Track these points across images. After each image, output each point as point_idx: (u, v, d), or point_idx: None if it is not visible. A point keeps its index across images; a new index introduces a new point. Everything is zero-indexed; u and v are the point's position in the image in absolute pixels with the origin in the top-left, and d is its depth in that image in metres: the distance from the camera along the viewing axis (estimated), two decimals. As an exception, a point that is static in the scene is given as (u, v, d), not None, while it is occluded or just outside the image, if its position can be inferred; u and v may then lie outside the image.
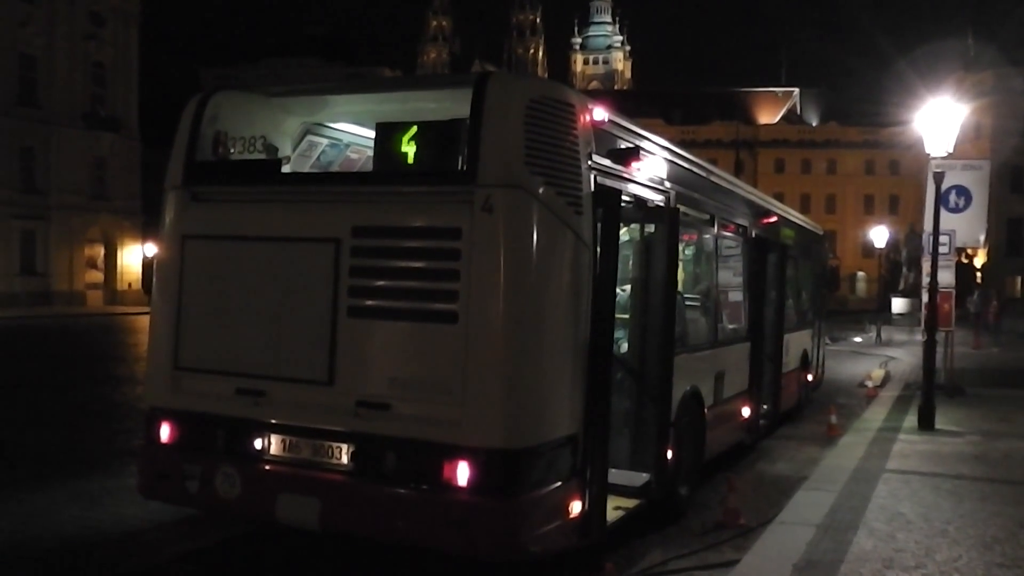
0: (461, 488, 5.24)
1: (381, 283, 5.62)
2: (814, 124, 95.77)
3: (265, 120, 6.75)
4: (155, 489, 6.35)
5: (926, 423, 11.81)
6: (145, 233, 55.58)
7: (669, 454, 7.11)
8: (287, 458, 5.83)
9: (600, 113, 5.97)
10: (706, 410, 8.36)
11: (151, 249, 57.75)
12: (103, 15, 52.33)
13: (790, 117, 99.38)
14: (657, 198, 7.08)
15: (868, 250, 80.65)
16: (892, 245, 49.00)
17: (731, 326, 9.96)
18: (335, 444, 5.67)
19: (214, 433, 6.03)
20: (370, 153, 6.92)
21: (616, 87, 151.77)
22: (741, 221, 10.12)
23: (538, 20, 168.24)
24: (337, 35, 78.02)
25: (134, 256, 54.79)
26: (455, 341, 5.29)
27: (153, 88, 61.10)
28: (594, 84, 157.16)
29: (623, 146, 6.35)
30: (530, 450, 5.31)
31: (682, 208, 7.58)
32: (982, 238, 15.40)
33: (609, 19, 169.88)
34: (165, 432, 6.21)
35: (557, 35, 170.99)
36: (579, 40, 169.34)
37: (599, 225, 5.87)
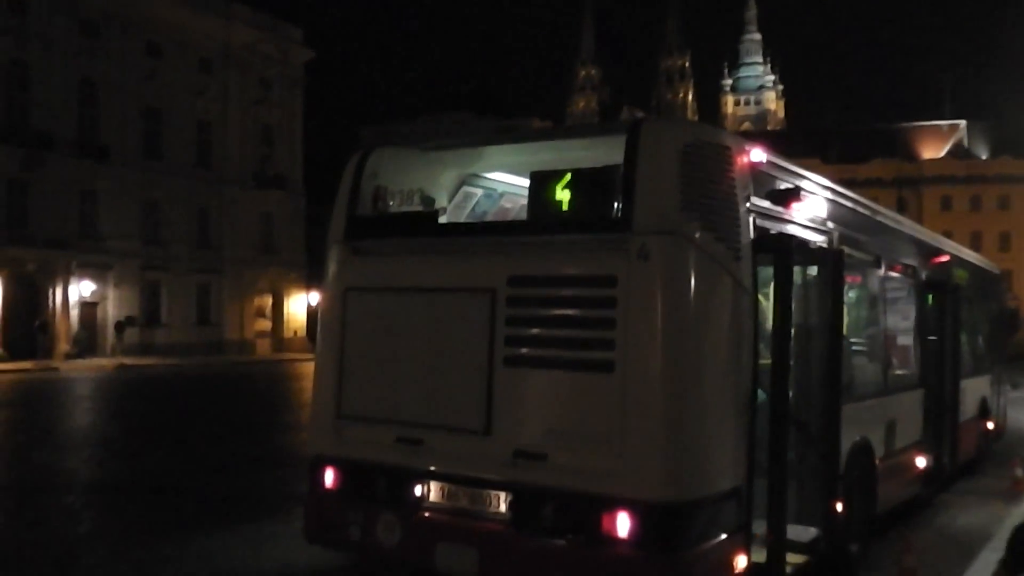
0: (621, 541, 5.10)
1: (536, 332, 5.59)
2: (984, 158, 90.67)
3: (422, 174, 6.89)
4: (320, 535, 6.47)
5: None
6: (309, 283, 58.21)
7: (839, 507, 6.76)
8: (446, 506, 5.84)
9: (757, 154, 5.82)
10: (877, 461, 7.90)
11: (315, 298, 60.34)
12: (271, 81, 55.70)
13: (956, 152, 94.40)
14: (819, 239, 6.86)
15: (1049, 290, 76.00)
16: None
17: (901, 372, 9.41)
18: (492, 493, 5.65)
19: (375, 481, 6.10)
20: (523, 202, 6.93)
21: (769, 127, 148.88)
22: (909, 261, 9.64)
23: (687, 64, 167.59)
24: (488, 89, 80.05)
25: (299, 305, 57.41)
26: (612, 390, 5.18)
27: (316, 146, 64.43)
28: (746, 125, 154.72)
29: (782, 187, 6.18)
30: (693, 503, 5.14)
31: (846, 249, 7.28)
32: None
33: (760, 59, 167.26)
34: (329, 479, 6.33)
35: (707, 78, 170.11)
36: (730, 82, 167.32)
37: (764, 271, 5.71)
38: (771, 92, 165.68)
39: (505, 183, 7.37)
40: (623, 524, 5.09)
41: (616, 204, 5.43)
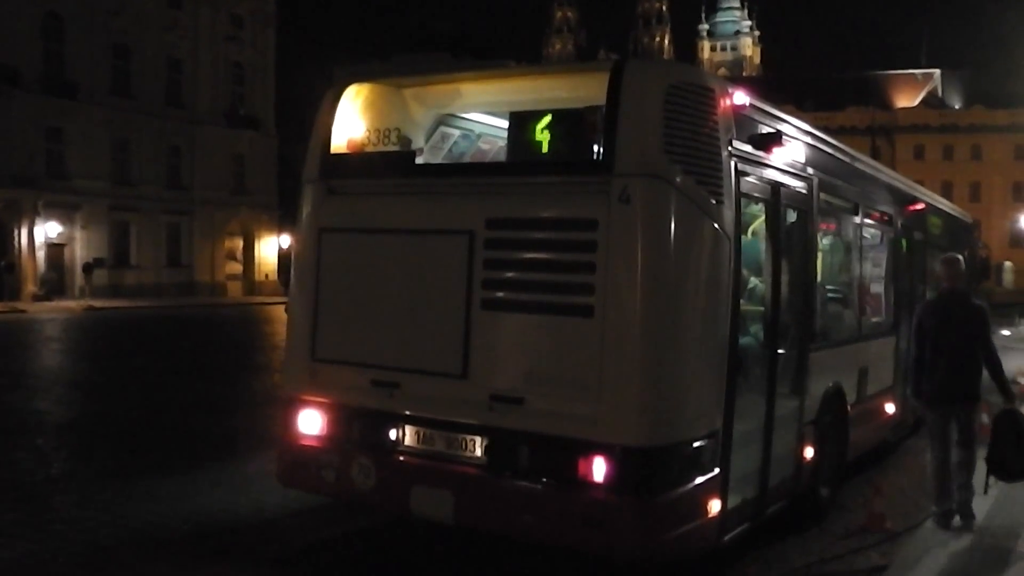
0: (597, 486, 5.09)
1: (515, 276, 5.53)
2: (957, 107, 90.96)
3: (398, 112, 6.70)
4: (293, 478, 6.43)
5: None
6: (281, 226, 57.75)
7: (809, 452, 6.86)
8: (421, 450, 5.80)
9: (741, 97, 5.71)
10: (849, 407, 7.96)
11: (287, 241, 59.90)
12: (242, 17, 54.52)
13: (930, 101, 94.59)
14: (799, 185, 6.80)
15: (1017, 240, 76.74)
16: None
17: (875, 319, 9.49)
18: (469, 437, 5.61)
19: (350, 424, 6.05)
20: (501, 143, 6.89)
21: (745, 74, 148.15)
22: (886, 209, 9.63)
23: (664, 8, 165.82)
24: (464, 30, 78.81)
25: (271, 248, 57.02)
26: (591, 335, 5.14)
27: (289, 86, 63.38)
28: (722, 71, 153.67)
29: (764, 131, 6.06)
30: (669, 447, 5.14)
31: (824, 196, 7.27)
32: None
33: (737, 4, 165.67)
34: (302, 422, 6.26)
35: (683, 23, 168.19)
36: (706, 27, 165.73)
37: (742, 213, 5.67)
38: (748, 38, 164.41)
39: (483, 124, 7.22)
40: (599, 468, 5.08)
41: (597, 146, 5.31)
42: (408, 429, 5.85)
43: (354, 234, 6.22)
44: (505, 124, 6.17)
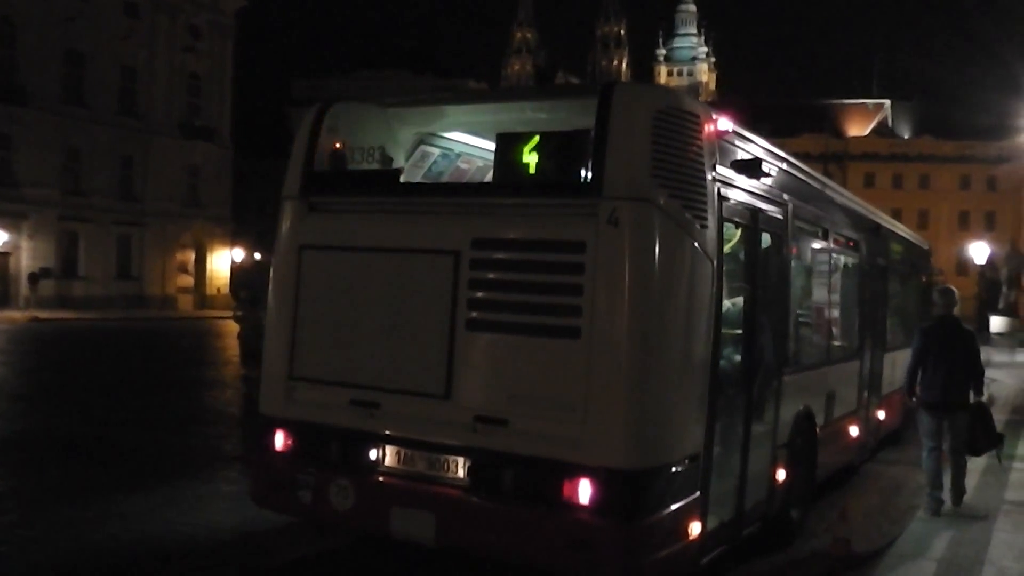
0: (582, 508, 5.06)
1: (501, 296, 5.47)
2: (906, 137, 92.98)
3: (380, 130, 6.67)
4: (268, 498, 6.31)
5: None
6: (234, 239, 56.96)
7: (781, 475, 6.93)
8: (401, 471, 5.71)
9: (724, 123, 5.76)
10: (818, 430, 8.00)
11: (240, 255, 59.16)
12: (200, 28, 53.92)
13: (881, 130, 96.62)
14: (775, 210, 6.86)
15: (963, 267, 78.34)
16: (990, 263, 47.03)
17: (841, 343, 9.56)
18: (451, 458, 5.53)
19: (328, 444, 5.94)
20: (480, 163, 7.04)
21: (701, 99, 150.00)
22: (852, 235, 9.75)
23: (623, 32, 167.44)
24: (425, 48, 78.85)
25: (223, 261, 56.19)
26: (577, 357, 5.12)
27: (246, 99, 62.84)
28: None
29: (745, 157, 6.14)
30: (654, 470, 5.13)
31: (798, 222, 7.37)
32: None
33: (694, 30, 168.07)
34: (279, 441, 6.14)
35: (641, 47, 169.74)
36: (664, 52, 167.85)
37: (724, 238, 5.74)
38: (704, 64, 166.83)
39: (463, 143, 7.19)
40: (584, 491, 5.05)
41: (585, 169, 5.29)
42: (388, 449, 5.76)
43: (335, 252, 6.12)
44: (486, 143, 6.17)
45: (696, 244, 5.40)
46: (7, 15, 43.09)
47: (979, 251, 38.38)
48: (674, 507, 5.25)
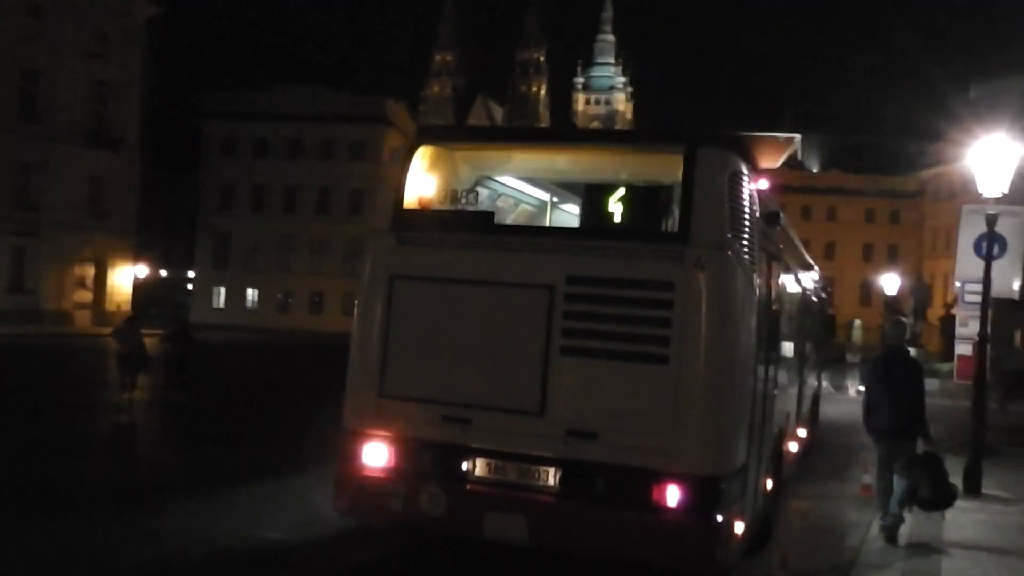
0: (672, 509, 5.99)
1: (593, 326, 6.28)
2: (815, 170, 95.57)
3: (449, 170, 7.40)
4: (355, 507, 7.01)
5: (972, 487, 10.95)
6: (138, 254, 54.72)
7: (770, 483, 8.02)
8: (493, 479, 6.48)
9: (763, 182, 6.85)
10: (784, 445, 9.14)
11: (143, 271, 56.94)
12: (109, 34, 51.85)
13: (791, 163, 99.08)
14: (778, 255, 7.91)
15: (866, 299, 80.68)
16: (895, 295, 48.27)
17: (795, 365, 10.64)
18: (543, 468, 6.36)
19: (420, 456, 6.62)
20: (514, 203, 8.39)
21: (617, 128, 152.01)
22: (805, 275, 11.19)
23: (543, 59, 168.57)
24: (343, 63, 77.62)
25: (125, 277, 53.92)
26: (665, 380, 6.06)
27: (156, 108, 60.57)
28: (595, 124, 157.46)
29: (771, 210, 7.15)
30: (727, 476, 6.13)
31: (788, 263, 8.59)
32: (1016, 287, 14.70)
33: (612, 60, 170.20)
34: (368, 455, 6.77)
35: (560, 74, 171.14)
36: (582, 80, 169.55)
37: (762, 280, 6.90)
38: (621, 93, 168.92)
39: (507, 184, 8.13)
40: (673, 494, 5.99)
41: (668, 218, 6.45)
42: (479, 461, 6.53)
43: (427, 282, 6.80)
44: (525, 186, 7.86)
45: (751, 284, 6.46)
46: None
47: (889, 282, 39.21)
48: (732, 508, 6.21)
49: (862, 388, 29.06)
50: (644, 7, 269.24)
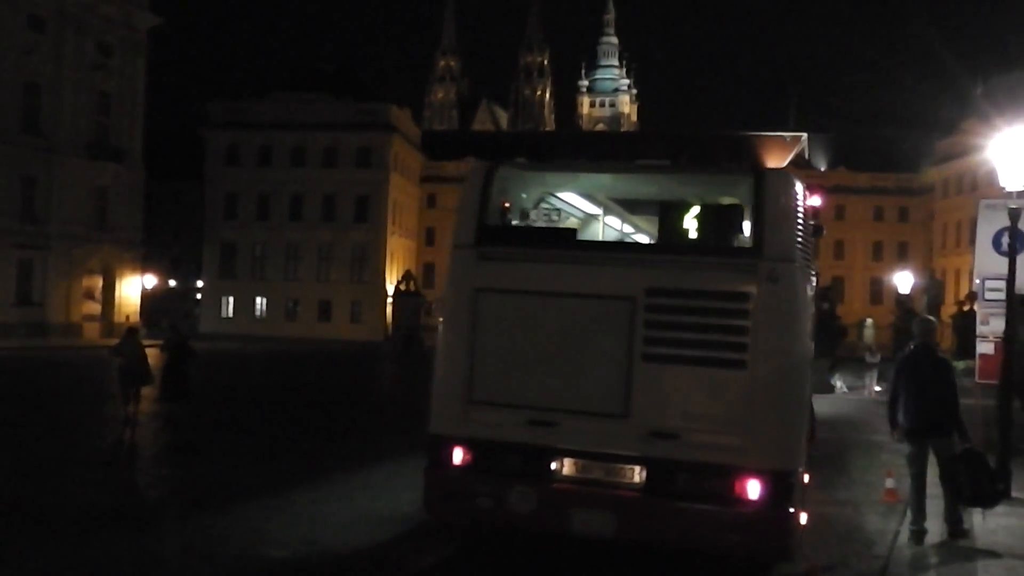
0: (751, 502, 6.49)
1: (673, 335, 6.77)
2: (823, 169, 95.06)
3: (519, 188, 7.96)
4: (444, 508, 7.37)
5: (1002, 491, 10.56)
6: (145, 264, 54.57)
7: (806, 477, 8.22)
8: (579, 478, 6.93)
9: (815, 199, 7.55)
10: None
11: (151, 281, 56.76)
12: (111, 45, 51.77)
13: (798, 162, 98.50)
14: (814, 265, 8.15)
15: (876, 297, 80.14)
16: (908, 292, 47.78)
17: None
18: (628, 466, 6.84)
19: (508, 457, 7.02)
20: (567, 218, 8.86)
21: (622, 129, 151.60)
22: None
23: (546, 62, 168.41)
24: (346, 70, 77.35)
25: (133, 288, 53.79)
26: (743, 384, 6.60)
27: (159, 119, 60.51)
28: (600, 126, 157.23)
29: (816, 223, 7.81)
30: (798, 471, 6.75)
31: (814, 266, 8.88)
32: (1040, 284, 14.32)
33: (616, 62, 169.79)
34: (457, 456, 7.16)
35: (564, 77, 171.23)
36: (586, 83, 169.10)
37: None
38: (626, 95, 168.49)
39: (562, 201, 8.68)
40: (753, 488, 6.48)
41: (739, 234, 7.15)
42: (566, 461, 6.97)
43: (511, 294, 7.21)
44: (583, 202, 8.57)
45: (808, 291, 7.02)
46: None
47: (903, 280, 38.76)
48: (799, 500, 6.75)
49: (878, 388, 29.11)
50: (646, 8, 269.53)
